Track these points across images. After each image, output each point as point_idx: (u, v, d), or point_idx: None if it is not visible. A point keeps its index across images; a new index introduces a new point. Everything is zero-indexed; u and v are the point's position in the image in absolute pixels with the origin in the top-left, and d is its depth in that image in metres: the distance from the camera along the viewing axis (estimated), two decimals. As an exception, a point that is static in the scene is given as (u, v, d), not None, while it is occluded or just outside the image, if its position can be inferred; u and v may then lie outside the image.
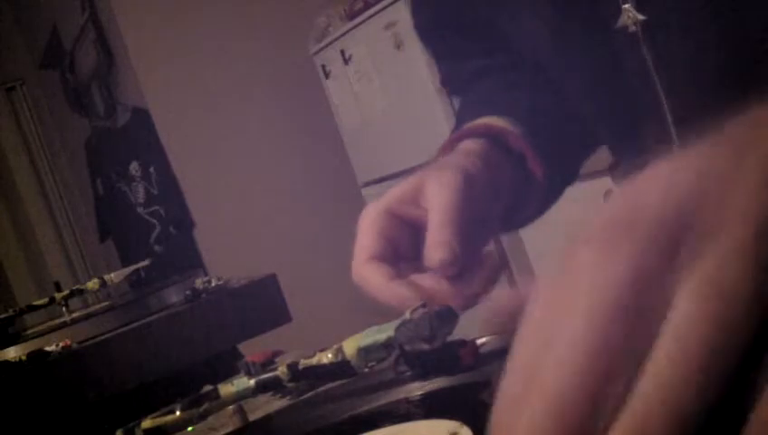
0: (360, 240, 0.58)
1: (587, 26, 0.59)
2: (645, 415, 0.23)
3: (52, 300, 1.32)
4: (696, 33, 0.53)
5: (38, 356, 1.04)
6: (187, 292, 1.19)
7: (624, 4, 0.55)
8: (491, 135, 0.64)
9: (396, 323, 0.46)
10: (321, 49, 3.10)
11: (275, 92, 3.33)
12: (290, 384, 0.50)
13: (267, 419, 0.61)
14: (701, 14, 0.52)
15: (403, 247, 0.58)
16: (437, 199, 0.56)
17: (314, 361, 0.49)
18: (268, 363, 0.84)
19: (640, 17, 0.54)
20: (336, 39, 3.01)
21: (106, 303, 1.44)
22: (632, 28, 0.55)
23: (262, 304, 1.17)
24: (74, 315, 1.27)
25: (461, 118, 0.72)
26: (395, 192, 0.59)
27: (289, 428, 0.55)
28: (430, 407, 0.48)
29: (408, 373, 0.49)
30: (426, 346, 0.46)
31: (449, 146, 0.65)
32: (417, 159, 2.74)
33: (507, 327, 0.29)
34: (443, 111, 2.60)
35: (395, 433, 0.47)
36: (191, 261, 3.19)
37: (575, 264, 0.26)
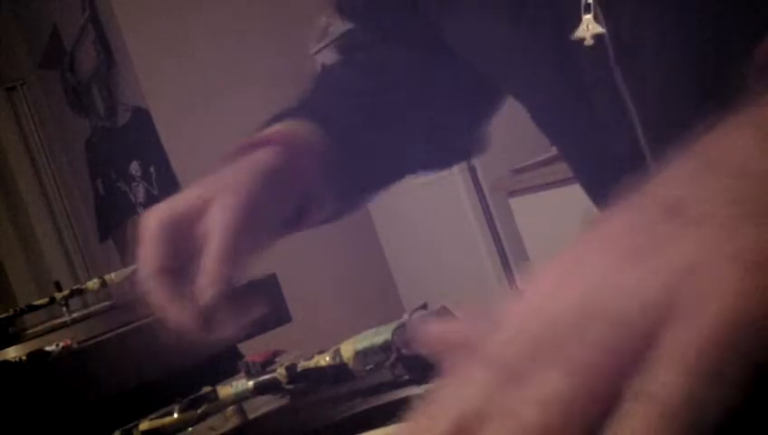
0: (145, 249, 0.60)
1: (543, 35, 0.56)
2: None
3: (53, 300, 1.31)
4: (668, 50, 0.50)
5: (38, 356, 1.04)
6: (187, 292, 1.19)
7: (586, 14, 0.52)
8: (286, 144, 0.65)
9: (394, 325, 0.46)
10: (321, 49, 3.10)
11: (276, 93, 3.32)
12: (288, 386, 0.51)
13: (266, 417, 0.61)
14: (672, 31, 0.50)
15: (188, 255, 0.59)
16: (217, 226, 0.58)
17: (312, 363, 0.49)
18: (268, 363, 0.84)
19: (599, 29, 0.51)
20: (336, 39, 3.01)
21: (106, 303, 1.43)
22: (589, 41, 0.52)
23: (262, 305, 1.16)
24: (74, 315, 1.27)
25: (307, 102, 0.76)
26: (181, 203, 0.61)
27: (289, 427, 0.55)
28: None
29: (406, 377, 0.50)
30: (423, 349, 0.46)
31: (247, 148, 0.65)
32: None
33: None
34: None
35: (395, 432, 0.47)
36: (191, 261, 3.18)
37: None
